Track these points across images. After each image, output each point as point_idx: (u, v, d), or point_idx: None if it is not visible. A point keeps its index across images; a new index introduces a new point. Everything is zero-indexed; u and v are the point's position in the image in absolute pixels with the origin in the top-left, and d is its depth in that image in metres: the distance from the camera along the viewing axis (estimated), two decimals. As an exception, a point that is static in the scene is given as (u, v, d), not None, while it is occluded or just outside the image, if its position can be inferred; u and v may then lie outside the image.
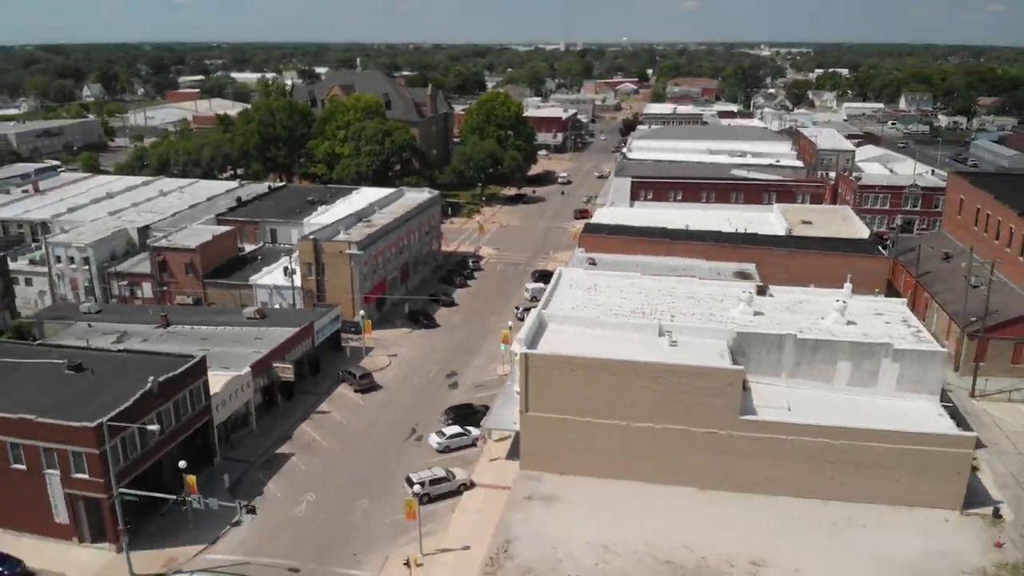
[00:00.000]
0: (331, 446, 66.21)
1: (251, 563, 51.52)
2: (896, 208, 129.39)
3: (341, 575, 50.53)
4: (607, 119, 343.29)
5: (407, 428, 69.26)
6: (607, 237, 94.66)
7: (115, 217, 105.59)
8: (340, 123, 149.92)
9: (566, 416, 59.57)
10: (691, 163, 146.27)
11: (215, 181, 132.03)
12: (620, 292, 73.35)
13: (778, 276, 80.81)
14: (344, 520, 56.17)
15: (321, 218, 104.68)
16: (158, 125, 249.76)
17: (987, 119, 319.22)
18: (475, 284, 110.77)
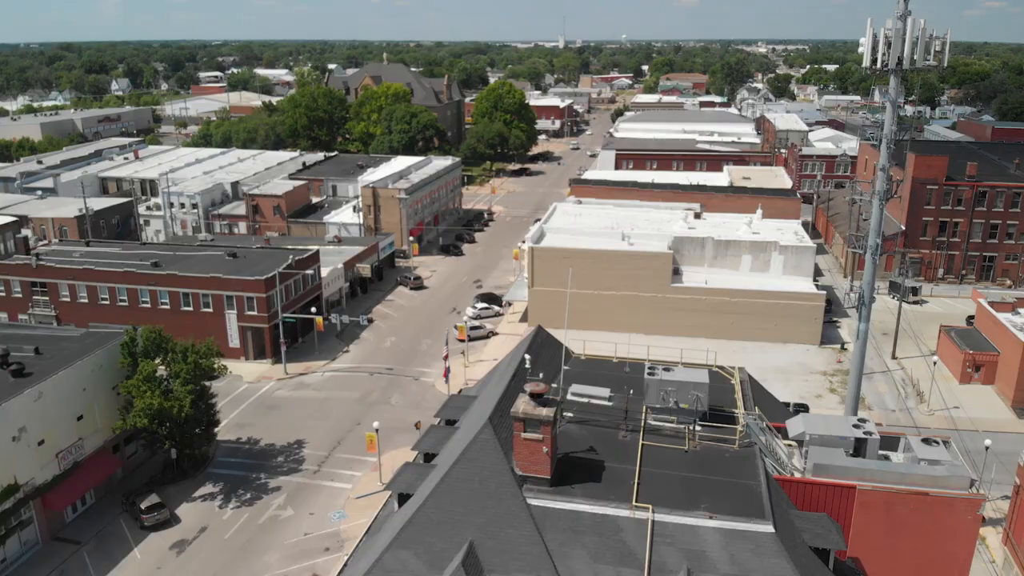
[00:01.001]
0: (399, 316, 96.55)
1: (359, 368, 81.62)
2: (830, 173, 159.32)
3: (419, 372, 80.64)
4: (602, 110, 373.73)
5: (449, 307, 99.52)
6: (591, 187, 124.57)
7: (208, 176, 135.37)
8: (373, 107, 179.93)
9: (559, 289, 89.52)
10: (666, 139, 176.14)
11: (276, 152, 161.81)
12: (597, 216, 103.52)
13: (717, 212, 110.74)
14: (415, 349, 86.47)
15: (370, 176, 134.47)
16: (193, 114, 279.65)
17: (948, 108, 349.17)
18: (489, 230, 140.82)
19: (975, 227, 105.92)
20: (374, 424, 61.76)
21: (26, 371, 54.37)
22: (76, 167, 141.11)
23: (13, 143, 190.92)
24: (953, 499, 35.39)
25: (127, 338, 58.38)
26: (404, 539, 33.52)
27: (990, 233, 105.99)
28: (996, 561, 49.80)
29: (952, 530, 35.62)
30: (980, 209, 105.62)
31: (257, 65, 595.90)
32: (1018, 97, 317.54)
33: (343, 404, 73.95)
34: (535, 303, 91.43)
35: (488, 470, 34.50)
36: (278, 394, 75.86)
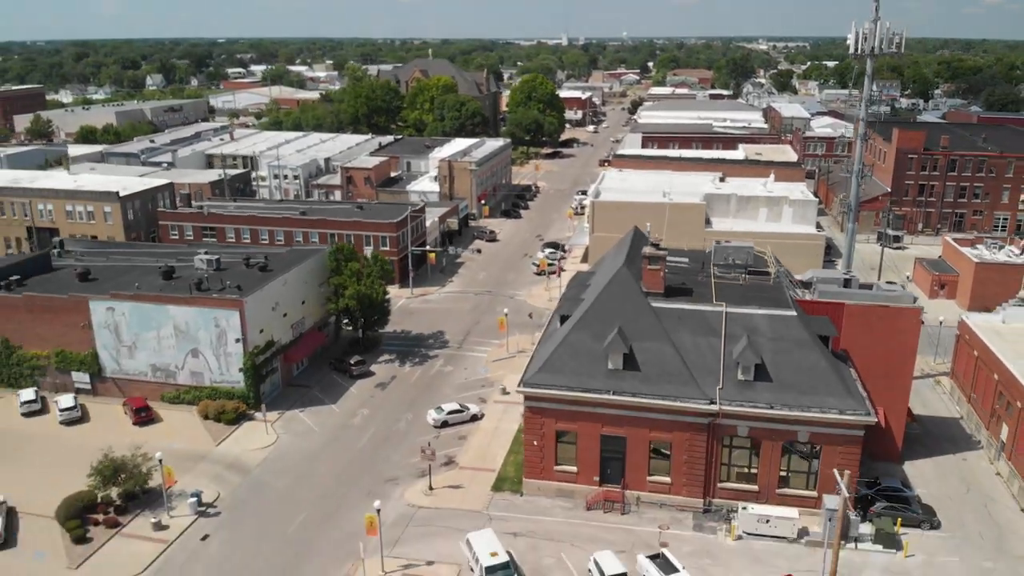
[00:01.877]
0: (483, 259, 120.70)
1: (465, 291, 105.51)
2: (830, 152, 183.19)
3: (512, 293, 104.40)
4: (614, 103, 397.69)
5: (521, 253, 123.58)
6: (629, 160, 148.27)
7: (301, 153, 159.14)
8: (425, 97, 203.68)
9: (614, 234, 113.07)
10: (685, 124, 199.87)
11: (349, 135, 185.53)
12: (639, 180, 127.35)
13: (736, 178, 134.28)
14: (503, 279, 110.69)
15: (439, 153, 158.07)
16: (240, 107, 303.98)
17: (941, 101, 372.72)
18: (538, 200, 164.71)
19: (948, 188, 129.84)
20: (504, 310, 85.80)
21: (268, 268, 78.28)
22: (184, 145, 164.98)
23: (98, 129, 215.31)
24: (903, 309, 59.36)
25: (334, 247, 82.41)
26: (578, 328, 57.57)
27: (960, 193, 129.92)
28: (1001, 474, 67.22)
29: (903, 329, 59.47)
30: (952, 174, 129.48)
31: (272, 62, 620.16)
32: (1005, 90, 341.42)
33: (461, 311, 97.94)
34: (595, 245, 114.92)
35: (627, 289, 58.53)
36: (412, 306, 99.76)
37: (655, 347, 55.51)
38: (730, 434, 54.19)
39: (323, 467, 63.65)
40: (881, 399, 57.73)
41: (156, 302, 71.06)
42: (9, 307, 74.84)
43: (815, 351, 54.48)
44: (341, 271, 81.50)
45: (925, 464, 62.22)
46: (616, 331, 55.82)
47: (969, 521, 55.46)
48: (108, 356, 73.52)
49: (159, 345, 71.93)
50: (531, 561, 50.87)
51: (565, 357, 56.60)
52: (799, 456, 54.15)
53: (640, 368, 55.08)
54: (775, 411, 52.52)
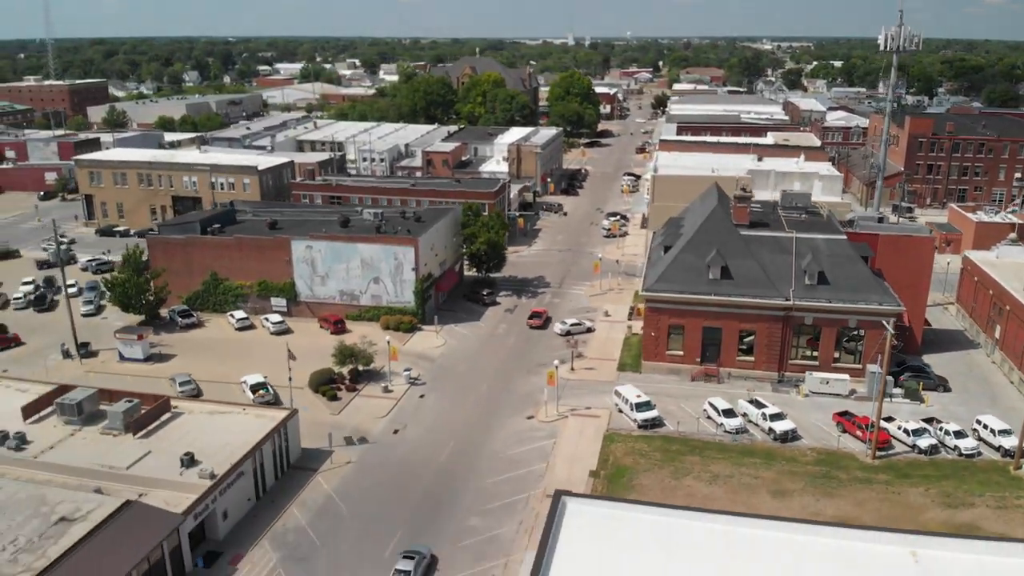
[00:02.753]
0: (555, 227, 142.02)
1: (548, 250, 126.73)
2: (846, 140, 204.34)
3: (589, 252, 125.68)
4: (632, 100, 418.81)
5: (588, 223, 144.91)
6: (674, 144, 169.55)
7: (381, 139, 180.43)
8: (478, 92, 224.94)
9: (670, 203, 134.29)
10: (714, 115, 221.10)
11: (416, 125, 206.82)
12: (688, 160, 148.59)
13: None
14: (578, 240, 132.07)
15: (503, 140, 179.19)
16: (289, 101, 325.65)
17: (944, 98, 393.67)
18: (589, 181, 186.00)
19: (952, 167, 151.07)
20: (599, 254, 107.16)
21: (422, 219, 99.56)
22: (276, 132, 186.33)
23: (175, 119, 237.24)
24: (922, 237, 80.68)
25: (466, 205, 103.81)
26: (685, 250, 78.93)
27: (963, 172, 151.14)
28: (995, 361, 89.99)
29: (921, 253, 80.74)
30: (956, 155, 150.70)
31: (291, 59, 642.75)
32: (1005, 88, 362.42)
33: (552, 263, 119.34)
34: (654, 213, 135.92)
35: (721, 222, 79.94)
36: (510, 259, 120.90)
37: (743, 262, 76.81)
38: (799, 323, 75.48)
39: (486, 358, 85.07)
40: (904, 305, 78.95)
41: (348, 241, 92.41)
42: (220, 247, 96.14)
43: (860, 264, 75.80)
44: (472, 224, 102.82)
45: (938, 356, 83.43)
46: (715, 251, 77.09)
47: (972, 388, 76.77)
48: (303, 284, 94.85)
49: (347, 275, 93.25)
50: (659, 407, 72.02)
51: (676, 271, 77.91)
52: (849, 338, 75.46)
53: (733, 277, 76.35)
54: (832, 304, 73.79)
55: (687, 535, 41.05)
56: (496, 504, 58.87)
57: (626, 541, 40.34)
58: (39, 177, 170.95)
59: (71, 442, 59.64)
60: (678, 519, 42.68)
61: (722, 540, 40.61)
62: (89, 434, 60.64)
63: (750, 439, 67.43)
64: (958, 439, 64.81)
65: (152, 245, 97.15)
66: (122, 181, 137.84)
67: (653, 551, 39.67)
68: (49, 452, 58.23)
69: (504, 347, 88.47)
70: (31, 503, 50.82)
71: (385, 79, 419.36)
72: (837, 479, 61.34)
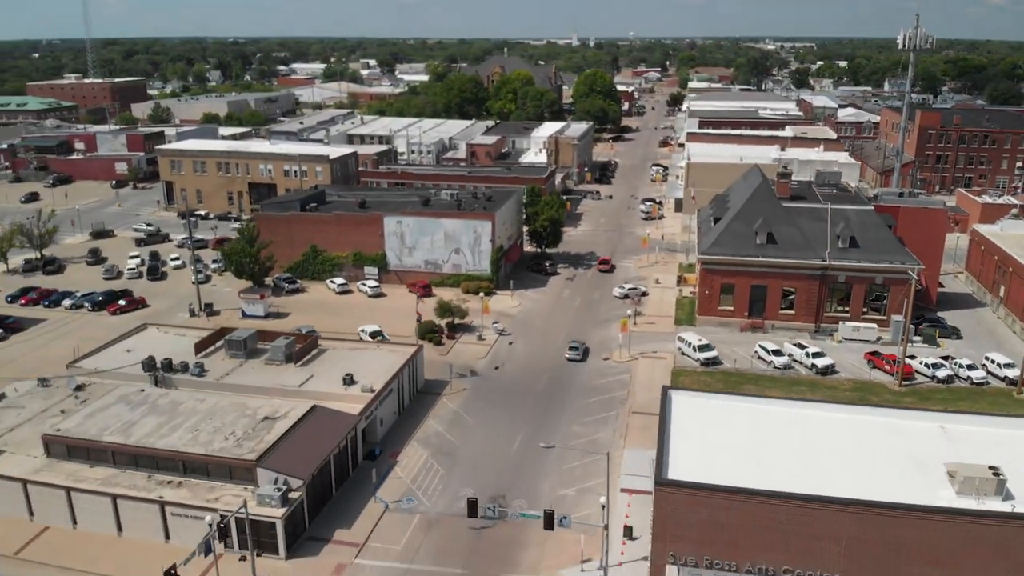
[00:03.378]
0: (596, 211, 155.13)
1: (595, 231, 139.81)
2: (859, 134, 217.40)
3: (631, 231, 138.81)
4: (645, 97, 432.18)
5: (626, 207, 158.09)
6: (700, 136, 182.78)
7: (425, 133, 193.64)
8: (508, 89, 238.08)
9: (703, 188, 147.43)
10: (733, 110, 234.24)
11: (454, 120, 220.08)
12: (716, 149, 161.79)
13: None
14: (619, 222, 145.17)
15: (539, 133, 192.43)
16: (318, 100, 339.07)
17: (949, 96, 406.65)
18: (620, 171, 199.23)
19: (959, 157, 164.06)
20: (643, 232, 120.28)
21: (492, 199, 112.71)
22: (329, 127, 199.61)
23: (219, 115, 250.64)
24: (936, 210, 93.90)
25: (529, 187, 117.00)
26: (735, 219, 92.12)
27: (969, 161, 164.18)
28: (1000, 317, 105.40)
29: (936, 223, 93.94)
30: (962, 146, 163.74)
31: (304, 60, 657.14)
32: (1007, 86, 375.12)
33: (600, 241, 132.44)
34: (688, 199, 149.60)
35: (765, 196, 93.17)
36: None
37: (785, 229, 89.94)
38: (833, 281, 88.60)
39: (558, 315, 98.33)
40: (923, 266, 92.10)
41: (433, 216, 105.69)
42: (320, 222, 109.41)
43: (885, 230, 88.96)
44: (535, 203, 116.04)
45: (950, 313, 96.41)
46: (761, 219, 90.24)
47: (979, 336, 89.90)
48: (393, 255, 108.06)
49: (432, 246, 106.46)
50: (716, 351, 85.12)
51: (727, 237, 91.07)
52: (875, 296, 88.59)
53: (777, 242, 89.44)
54: (862, 264, 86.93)
55: (769, 415, 54.30)
56: (592, 418, 72.08)
57: (721, 419, 53.59)
58: (109, 167, 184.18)
59: (242, 370, 72.84)
60: (761, 404, 55.97)
61: (798, 418, 53.85)
62: (255, 365, 73.83)
63: (796, 373, 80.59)
64: (970, 371, 77.97)
65: (259, 221, 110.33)
66: (201, 169, 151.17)
67: (744, 424, 52.91)
68: (226, 377, 71.43)
69: (572, 307, 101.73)
70: (235, 408, 64.02)
71: (404, 78, 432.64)
72: (871, 402, 74.36)
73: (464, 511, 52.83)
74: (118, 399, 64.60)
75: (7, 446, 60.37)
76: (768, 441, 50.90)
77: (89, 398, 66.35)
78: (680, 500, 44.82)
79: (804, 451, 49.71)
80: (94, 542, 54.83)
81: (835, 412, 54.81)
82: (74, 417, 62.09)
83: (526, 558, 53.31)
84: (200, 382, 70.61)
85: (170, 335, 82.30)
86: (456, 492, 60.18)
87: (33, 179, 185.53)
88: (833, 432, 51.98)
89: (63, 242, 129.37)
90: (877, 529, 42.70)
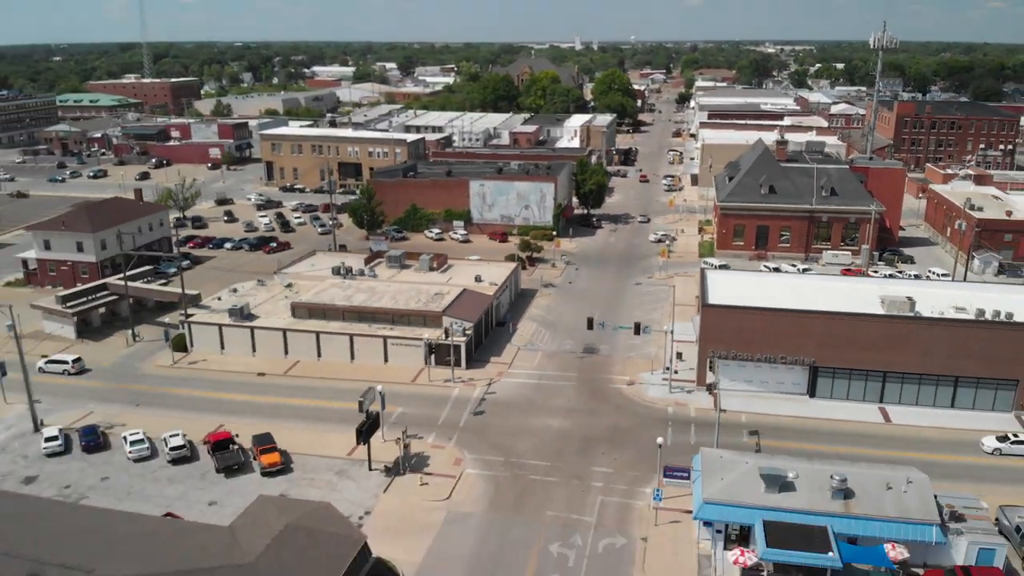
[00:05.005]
0: (625, 187, 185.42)
1: (626, 205, 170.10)
2: (848, 125, 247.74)
3: (656, 199, 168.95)
4: (653, 96, 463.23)
5: (652, 181, 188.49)
6: (712, 124, 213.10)
7: (472, 124, 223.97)
8: (538, 87, 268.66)
9: (716, 164, 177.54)
10: (738, 104, 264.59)
11: (492, 114, 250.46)
12: (727, 134, 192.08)
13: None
14: (649, 196, 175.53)
15: (569, 124, 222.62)
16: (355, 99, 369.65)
17: (936, 94, 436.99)
18: (640, 156, 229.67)
19: (931, 140, 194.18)
20: (669, 198, 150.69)
21: (549, 168, 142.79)
22: (390, 119, 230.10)
23: (278, 111, 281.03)
24: (896, 169, 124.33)
25: (579, 159, 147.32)
26: (745, 176, 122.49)
27: (939, 144, 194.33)
28: (948, 250, 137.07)
29: (896, 180, 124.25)
30: (933, 131, 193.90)
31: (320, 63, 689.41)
32: (989, 84, 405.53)
33: (632, 204, 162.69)
34: (703, 173, 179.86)
35: (768, 159, 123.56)
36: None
37: (783, 183, 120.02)
38: (818, 221, 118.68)
39: (608, 253, 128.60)
40: (887, 214, 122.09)
41: (508, 180, 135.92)
42: (419, 186, 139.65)
43: (857, 183, 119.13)
44: (584, 172, 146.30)
45: (911, 248, 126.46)
46: (764, 176, 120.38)
47: (929, 261, 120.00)
48: (476, 211, 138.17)
49: (507, 204, 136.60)
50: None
51: (739, 190, 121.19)
52: (849, 229, 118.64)
53: (776, 192, 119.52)
54: (839, 207, 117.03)
55: (773, 278, 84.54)
56: (645, 308, 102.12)
57: (740, 280, 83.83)
58: (203, 152, 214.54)
59: (401, 274, 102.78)
60: (768, 275, 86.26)
61: (793, 280, 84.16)
62: (407, 274, 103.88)
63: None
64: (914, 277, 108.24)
65: (373, 186, 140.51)
66: (298, 151, 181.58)
67: (755, 282, 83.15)
68: (393, 278, 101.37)
69: (617, 248, 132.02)
70: (413, 289, 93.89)
71: (426, 80, 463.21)
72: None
73: (571, 350, 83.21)
74: (330, 285, 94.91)
75: (258, 313, 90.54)
76: (772, 288, 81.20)
77: (300, 290, 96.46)
78: (716, 315, 75.09)
79: (795, 293, 79.90)
80: (333, 367, 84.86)
81: (818, 279, 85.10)
82: (305, 295, 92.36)
83: (616, 370, 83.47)
84: (375, 279, 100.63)
85: (334, 257, 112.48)
86: (560, 343, 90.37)
87: (135, 162, 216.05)
88: (816, 287, 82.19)
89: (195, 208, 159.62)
90: (837, 329, 72.92)
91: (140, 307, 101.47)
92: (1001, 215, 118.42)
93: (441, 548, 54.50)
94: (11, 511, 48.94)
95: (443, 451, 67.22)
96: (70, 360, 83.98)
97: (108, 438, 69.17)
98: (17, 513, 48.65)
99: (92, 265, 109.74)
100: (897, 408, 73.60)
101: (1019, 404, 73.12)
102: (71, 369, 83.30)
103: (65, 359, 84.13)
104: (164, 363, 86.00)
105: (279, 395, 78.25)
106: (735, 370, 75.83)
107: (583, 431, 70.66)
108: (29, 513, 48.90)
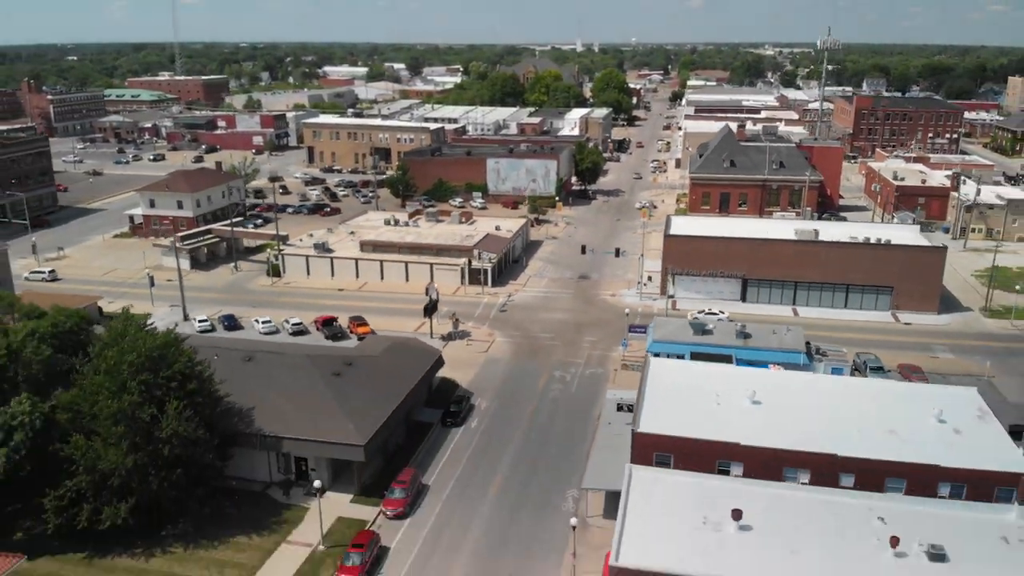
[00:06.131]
0: (619, 168, 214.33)
1: (620, 178, 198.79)
2: (822, 119, 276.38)
3: (646, 178, 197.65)
4: (650, 95, 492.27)
5: (640, 164, 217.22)
6: (695, 117, 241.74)
7: (483, 117, 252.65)
8: (542, 85, 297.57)
9: (695, 147, 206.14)
10: (722, 100, 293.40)
11: (500, 107, 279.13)
12: (705, 124, 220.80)
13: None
14: (638, 170, 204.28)
15: (570, 116, 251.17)
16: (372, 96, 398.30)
17: (915, 93, 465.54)
18: (633, 144, 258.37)
19: (885, 130, 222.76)
20: (652, 177, 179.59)
21: (553, 148, 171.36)
22: (411, 111, 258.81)
23: (306, 105, 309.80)
24: (836, 148, 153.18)
25: (578, 143, 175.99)
26: (712, 153, 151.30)
27: (892, 133, 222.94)
28: (876, 213, 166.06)
29: (835, 158, 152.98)
30: (887, 122, 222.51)
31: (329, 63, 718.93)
32: (963, 84, 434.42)
33: (624, 182, 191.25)
34: (684, 156, 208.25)
35: (730, 139, 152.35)
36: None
37: (741, 158, 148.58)
38: (770, 188, 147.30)
39: (601, 217, 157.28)
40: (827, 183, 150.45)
41: (518, 158, 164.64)
42: (444, 163, 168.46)
43: (802, 159, 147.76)
44: (582, 152, 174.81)
45: (848, 213, 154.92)
46: (726, 152, 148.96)
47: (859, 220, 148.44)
48: (492, 183, 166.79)
49: (518, 178, 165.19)
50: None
51: (707, 164, 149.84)
52: (795, 196, 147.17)
53: (736, 166, 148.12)
54: (787, 177, 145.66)
55: (728, 222, 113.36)
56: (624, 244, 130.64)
57: (698, 223, 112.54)
58: (247, 140, 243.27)
59: (437, 227, 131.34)
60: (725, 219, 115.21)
61: (746, 222, 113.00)
62: (441, 226, 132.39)
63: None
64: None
65: (407, 163, 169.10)
66: (336, 137, 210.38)
67: (711, 224, 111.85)
68: (431, 228, 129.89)
69: (608, 215, 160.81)
70: (448, 230, 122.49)
71: (434, 79, 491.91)
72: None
73: (570, 277, 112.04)
74: (386, 230, 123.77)
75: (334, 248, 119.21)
76: (717, 227, 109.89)
77: (361, 235, 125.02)
78: (675, 242, 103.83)
79: (743, 230, 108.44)
80: (393, 285, 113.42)
81: (752, 221, 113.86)
82: (367, 236, 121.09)
83: (603, 288, 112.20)
84: (415, 230, 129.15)
85: (382, 215, 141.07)
86: (561, 272, 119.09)
87: (186, 148, 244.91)
88: (750, 227, 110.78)
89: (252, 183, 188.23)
90: (762, 251, 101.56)
91: (232, 249, 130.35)
92: (917, 183, 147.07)
93: (483, 375, 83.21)
94: (215, 345, 77.79)
95: (480, 330, 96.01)
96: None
97: (240, 322, 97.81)
98: (220, 343, 77.47)
99: (190, 219, 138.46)
100: (804, 308, 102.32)
101: (894, 305, 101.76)
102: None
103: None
104: (266, 283, 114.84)
105: (357, 301, 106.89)
106: (688, 283, 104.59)
107: (577, 320, 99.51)
108: (224, 343, 77.71)
